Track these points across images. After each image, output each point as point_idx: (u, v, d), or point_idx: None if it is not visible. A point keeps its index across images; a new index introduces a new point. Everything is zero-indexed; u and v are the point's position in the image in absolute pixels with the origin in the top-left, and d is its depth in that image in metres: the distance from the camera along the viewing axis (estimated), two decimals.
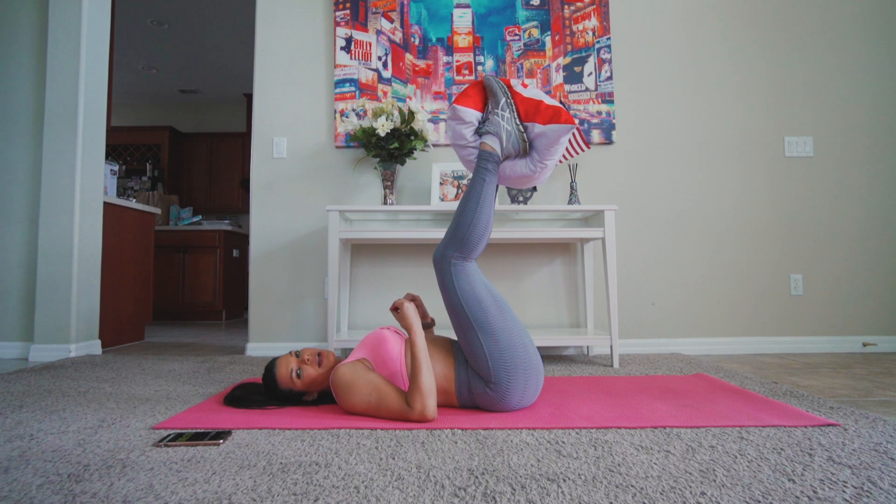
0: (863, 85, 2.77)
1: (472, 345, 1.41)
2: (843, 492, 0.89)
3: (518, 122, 1.57)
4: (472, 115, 1.60)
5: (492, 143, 1.57)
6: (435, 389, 1.36)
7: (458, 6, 2.77)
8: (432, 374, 1.35)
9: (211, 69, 5.29)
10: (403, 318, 1.45)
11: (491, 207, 1.53)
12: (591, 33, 2.74)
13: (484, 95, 1.63)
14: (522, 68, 2.74)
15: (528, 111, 1.57)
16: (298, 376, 1.47)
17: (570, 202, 2.49)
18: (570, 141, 2.48)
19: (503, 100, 1.58)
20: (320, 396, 1.54)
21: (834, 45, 2.78)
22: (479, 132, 1.61)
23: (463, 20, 2.76)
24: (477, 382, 1.42)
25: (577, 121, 2.63)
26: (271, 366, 1.51)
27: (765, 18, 2.79)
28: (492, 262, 2.69)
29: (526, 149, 1.59)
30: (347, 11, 2.77)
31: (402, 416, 1.34)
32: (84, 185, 2.65)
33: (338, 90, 2.74)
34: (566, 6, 2.76)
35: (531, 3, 2.76)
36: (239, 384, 1.62)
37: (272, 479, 0.96)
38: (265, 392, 1.52)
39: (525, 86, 1.63)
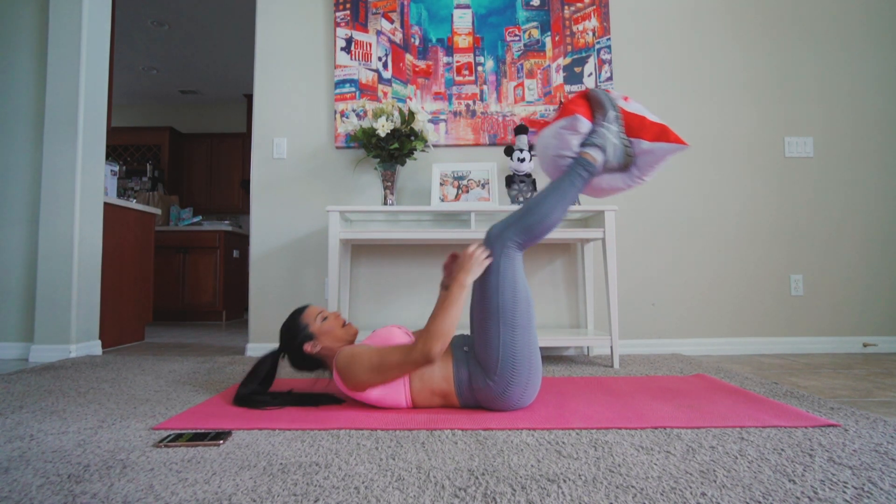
0: (863, 85, 2.77)
1: (488, 332, 1.40)
2: (844, 492, 0.88)
3: (624, 137, 1.57)
4: (587, 125, 1.58)
5: (595, 154, 1.56)
6: (449, 336, 1.36)
7: (459, 7, 2.77)
8: (453, 323, 1.36)
9: (211, 70, 5.30)
10: (469, 261, 1.44)
11: (566, 211, 1.54)
12: (591, 34, 2.74)
13: (589, 107, 1.61)
14: (522, 69, 2.74)
15: (633, 126, 1.57)
16: (324, 319, 1.52)
17: None
18: None
19: (612, 113, 1.57)
20: (319, 397, 1.54)
21: (834, 46, 2.78)
22: (583, 143, 1.59)
23: (463, 21, 2.77)
24: (478, 376, 1.41)
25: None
26: (300, 308, 1.56)
27: (764, 19, 2.79)
28: None
29: (629, 164, 1.58)
30: (347, 12, 2.77)
31: (405, 364, 1.37)
32: (84, 185, 2.65)
33: (338, 91, 2.74)
34: (566, 7, 2.76)
35: (531, 3, 2.76)
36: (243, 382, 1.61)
37: (272, 479, 0.96)
38: (282, 340, 1.54)
39: (626, 99, 1.62)
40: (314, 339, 1.51)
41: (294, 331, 1.52)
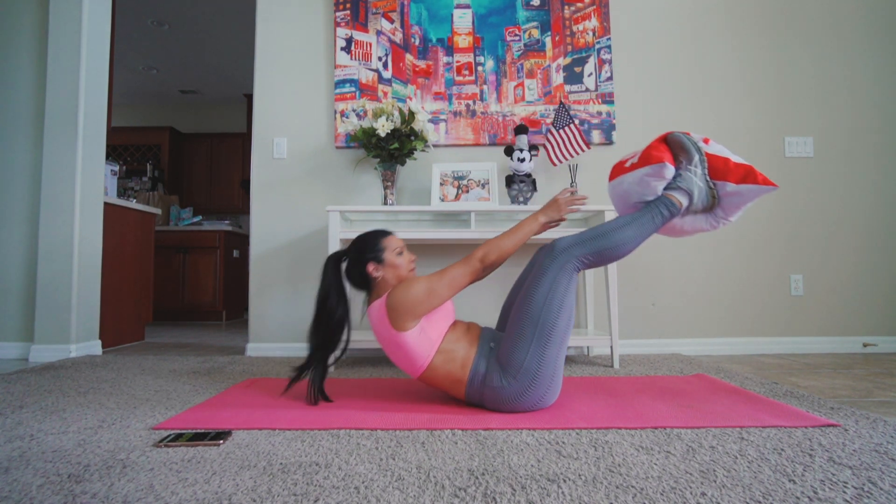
0: (863, 85, 2.77)
1: (520, 337, 1.40)
2: (844, 492, 0.88)
3: (709, 180, 1.56)
4: (672, 171, 1.58)
5: (681, 197, 1.55)
6: (506, 254, 1.48)
7: (459, 7, 2.77)
8: (514, 245, 1.49)
9: (211, 69, 5.30)
10: (555, 204, 1.57)
11: (637, 246, 1.53)
12: (591, 34, 2.74)
13: (671, 151, 1.60)
14: (523, 69, 2.74)
15: (717, 168, 1.57)
16: (400, 254, 1.54)
17: None
18: (570, 141, 2.49)
19: (696, 156, 1.56)
20: (320, 392, 1.55)
21: (834, 46, 2.78)
22: (667, 186, 1.58)
23: (463, 21, 2.77)
24: (495, 374, 1.40)
25: (577, 122, 2.63)
26: (386, 231, 1.59)
27: (765, 19, 2.79)
28: None
29: (714, 205, 1.58)
30: (348, 12, 2.77)
31: (465, 271, 1.45)
32: (84, 185, 2.65)
33: (338, 90, 2.74)
34: (566, 7, 2.76)
35: (531, 3, 2.76)
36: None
37: (272, 479, 0.96)
38: (352, 246, 1.56)
39: (707, 141, 1.62)
40: (382, 265, 1.52)
41: (370, 245, 1.54)
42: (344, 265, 1.58)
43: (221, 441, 1.17)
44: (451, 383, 1.45)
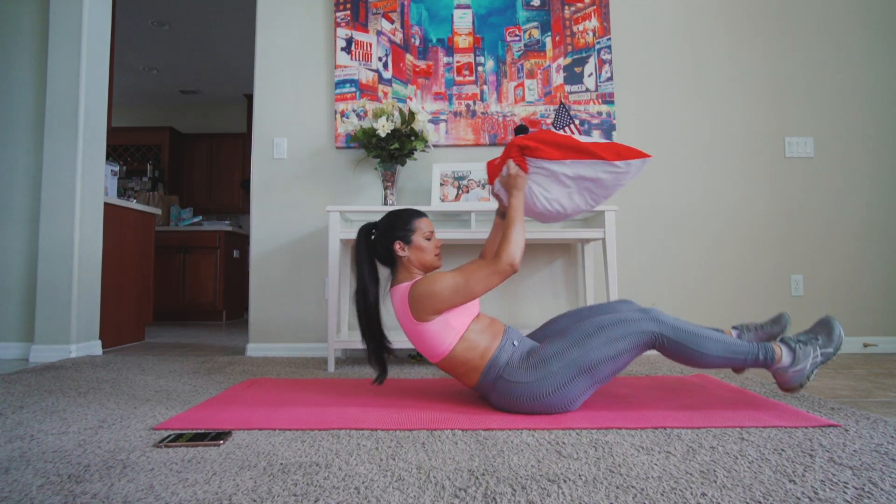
0: (863, 85, 2.77)
1: (562, 355, 1.38)
2: (844, 493, 0.88)
3: (818, 366, 1.44)
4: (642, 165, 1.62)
5: (786, 356, 1.43)
6: (522, 245, 1.47)
7: (459, 7, 2.77)
8: (523, 235, 1.48)
9: (211, 70, 5.30)
10: (513, 181, 1.57)
11: (716, 365, 1.42)
12: (591, 34, 2.74)
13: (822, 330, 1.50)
14: (523, 69, 2.74)
15: (593, 152, 1.60)
16: (428, 239, 1.54)
17: None
18: None
19: (831, 349, 1.44)
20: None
21: (835, 46, 2.78)
22: (783, 339, 1.49)
23: (463, 21, 2.77)
24: (515, 371, 1.40)
25: (577, 122, 2.63)
26: (419, 212, 1.59)
27: (765, 19, 2.79)
28: None
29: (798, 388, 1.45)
30: (348, 12, 2.77)
31: (493, 275, 1.43)
32: (85, 185, 2.65)
33: (338, 91, 2.74)
34: (566, 7, 2.76)
35: (531, 3, 2.76)
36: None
37: (272, 479, 0.96)
38: (383, 221, 1.57)
39: (579, 130, 1.71)
40: (409, 245, 1.53)
41: (400, 224, 1.54)
42: (373, 237, 1.59)
43: (221, 441, 1.17)
44: (466, 370, 1.46)
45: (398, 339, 2.04)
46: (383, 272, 1.60)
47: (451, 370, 1.50)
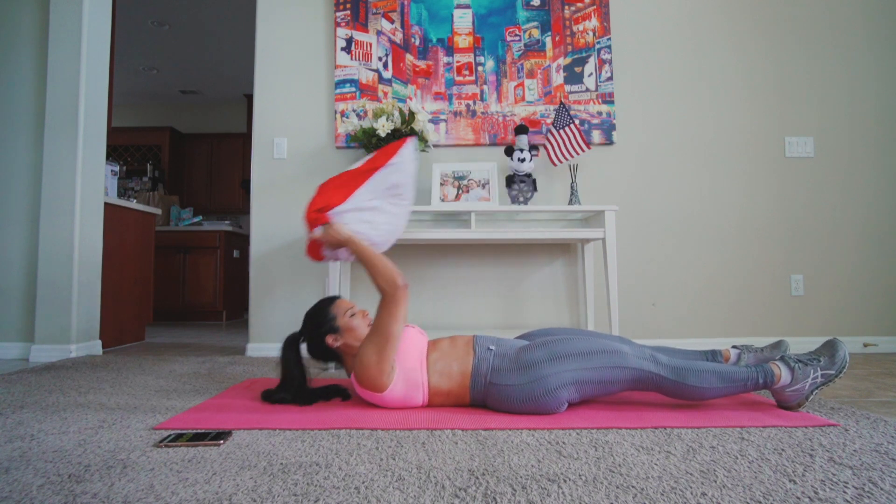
0: (864, 85, 2.77)
1: (561, 360, 1.38)
2: (844, 492, 0.88)
3: (818, 387, 1.41)
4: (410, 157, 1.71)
5: (785, 373, 1.40)
6: (388, 267, 1.45)
7: (459, 7, 2.77)
8: (384, 264, 1.46)
9: (211, 70, 5.30)
10: (333, 236, 1.56)
11: (717, 396, 1.42)
12: (591, 34, 2.74)
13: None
14: (523, 69, 2.74)
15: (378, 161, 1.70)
16: (352, 315, 1.53)
17: (570, 202, 2.49)
18: (570, 141, 2.49)
19: (833, 371, 1.40)
20: (328, 390, 1.56)
21: (835, 46, 2.78)
22: (783, 357, 1.45)
23: (463, 21, 2.77)
24: (503, 374, 1.40)
25: (577, 122, 2.63)
26: (331, 298, 1.57)
27: (766, 19, 2.79)
28: (493, 262, 2.69)
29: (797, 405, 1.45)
30: (348, 12, 2.77)
31: (393, 312, 1.40)
32: (85, 185, 2.65)
33: (338, 91, 2.74)
34: (566, 7, 2.76)
35: (531, 3, 2.76)
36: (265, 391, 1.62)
37: (273, 479, 0.96)
38: (305, 325, 1.57)
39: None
40: (338, 333, 1.52)
41: (320, 319, 1.53)
42: (304, 346, 1.57)
43: (222, 441, 1.17)
44: (457, 395, 1.46)
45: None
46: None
47: (445, 402, 1.48)
